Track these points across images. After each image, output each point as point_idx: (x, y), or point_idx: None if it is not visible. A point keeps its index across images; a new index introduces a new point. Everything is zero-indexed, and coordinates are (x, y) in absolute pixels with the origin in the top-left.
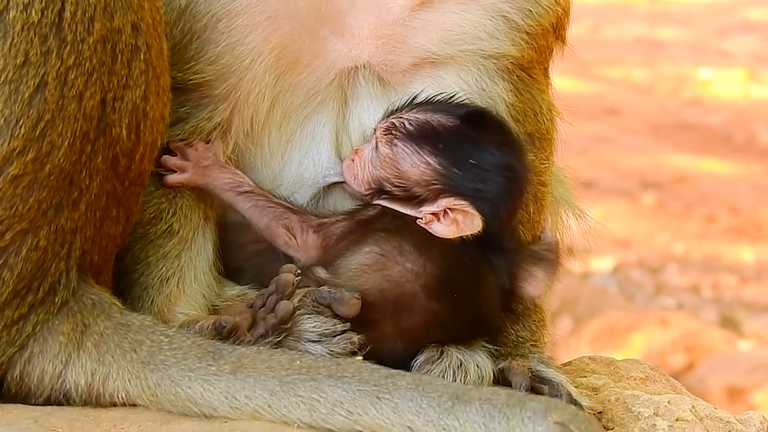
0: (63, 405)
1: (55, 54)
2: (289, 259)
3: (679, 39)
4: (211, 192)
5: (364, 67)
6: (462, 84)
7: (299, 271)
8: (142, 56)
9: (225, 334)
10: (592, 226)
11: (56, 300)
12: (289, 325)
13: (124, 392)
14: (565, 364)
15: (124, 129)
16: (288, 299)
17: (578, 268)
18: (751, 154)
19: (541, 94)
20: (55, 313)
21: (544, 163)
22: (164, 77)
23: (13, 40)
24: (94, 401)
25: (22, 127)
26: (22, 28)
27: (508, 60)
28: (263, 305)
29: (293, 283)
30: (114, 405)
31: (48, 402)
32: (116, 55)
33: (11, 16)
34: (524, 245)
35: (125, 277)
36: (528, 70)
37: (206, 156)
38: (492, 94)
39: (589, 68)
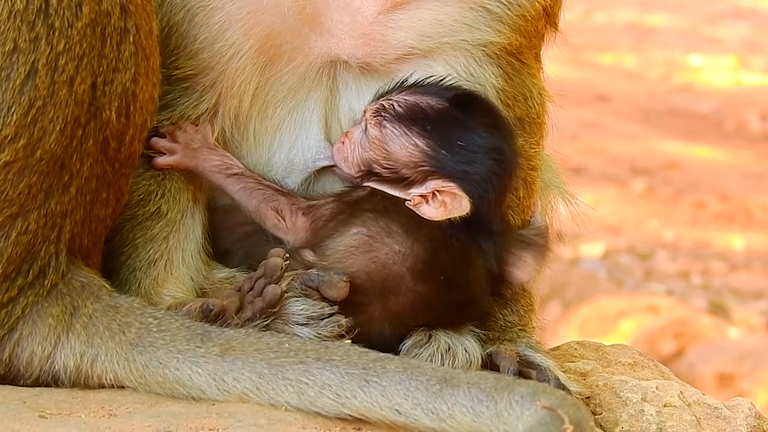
0: (51, 387)
1: (44, 40)
2: (279, 242)
3: (670, 25)
4: (201, 174)
5: (346, 62)
6: (450, 70)
7: (287, 255)
8: (131, 38)
9: (212, 317)
10: (581, 212)
11: (45, 283)
12: (276, 309)
13: (113, 374)
14: (554, 349)
15: (114, 112)
16: (276, 283)
17: (568, 253)
18: (741, 141)
19: (531, 79)
20: (44, 296)
21: (534, 148)
22: (154, 58)
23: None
24: (82, 383)
25: (14, 114)
26: (9, 16)
27: (494, 47)
28: (251, 289)
29: (282, 268)
30: (102, 387)
31: (36, 383)
32: (105, 38)
33: None
34: (513, 230)
35: (113, 259)
36: (517, 55)
37: (195, 138)
38: (480, 79)
39: (579, 54)
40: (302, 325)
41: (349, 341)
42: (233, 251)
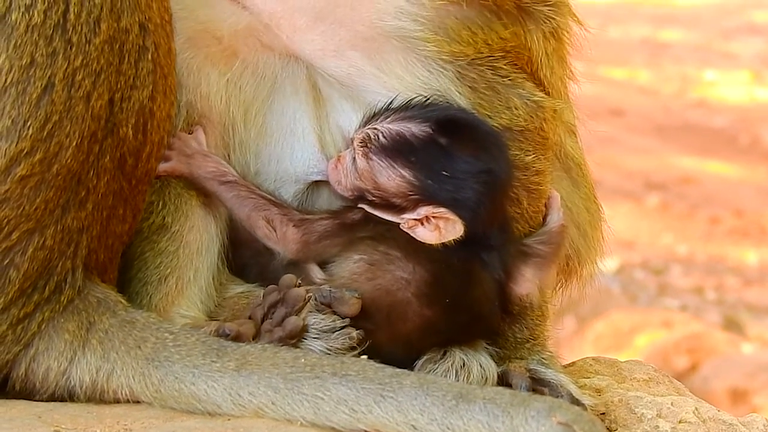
0: (67, 401)
1: (61, 55)
2: (292, 263)
3: (685, 40)
4: (195, 181)
5: (322, 74)
6: (401, 81)
7: (301, 282)
8: (149, 56)
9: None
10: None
11: (62, 298)
12: (295, 341)
13: (128, 389)
14: (569, 365)
15: (131, 129)
16: (297, 314)
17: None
18: (755, 156)
19: (510, 89)
20: (60, 311)
21: (531, 155)
22: (171, 77)
23: (17, 41)
24: (98, 398)
25: (30, 128)
26: (26, 30)
27: (437, 52)
28: (265, 316)
29: (304, 299)
30: (118, 401)
31: (52, 398)
32: (123, 55)
33: (14, 17)
34: (516, 241)
35: (126, 273)
36: (483, 65)
37: (189, 144)
38: (440, 89)
39: (594, 68)
40: (314, 338)
41: (365, 357)
42: (249, 266)
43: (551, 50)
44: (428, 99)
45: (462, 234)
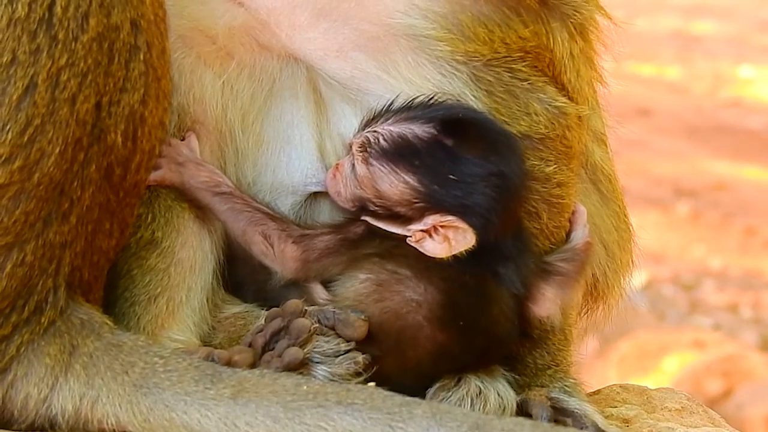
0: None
1: (45, 53)
2: (293, 282)
3: (718, 33)
4: (187, 191)
5: (303, 72)
6: (415, 86)
7: (306, 309)
8: (141, 56)
9: None
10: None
11: (42, 320)
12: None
13: (114, 418)
14: (594, 393)
15: (119, 135)
16: (301, 346)
17: None
18: None
19: (529, 93)
20: (41, 334)
21: (552, 165)
22: (165, 80)
23: None
24: (81, 428)
25: (9, 133)
26: (8, 24)
27: (450, 52)
28: (267, 345)
29: (309, 330)
30: None
31: (32, 428)
32: (113, 54)
33: None
34: (536, 257)
35: (111, 292)
36: (498, 66)
37: (181, 152)
38: (453, 93)
39: (619, 65)
40: (316, 362)
41: (373, 384)
42: (245, 285)
43: (577, 51)
44: (432, 98)
45: (474, 244)
